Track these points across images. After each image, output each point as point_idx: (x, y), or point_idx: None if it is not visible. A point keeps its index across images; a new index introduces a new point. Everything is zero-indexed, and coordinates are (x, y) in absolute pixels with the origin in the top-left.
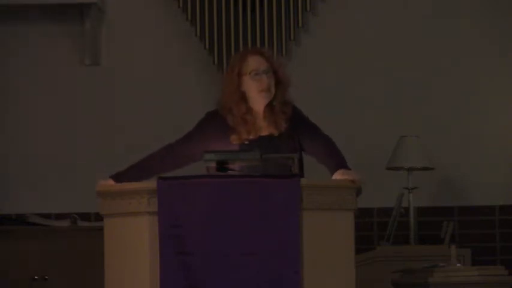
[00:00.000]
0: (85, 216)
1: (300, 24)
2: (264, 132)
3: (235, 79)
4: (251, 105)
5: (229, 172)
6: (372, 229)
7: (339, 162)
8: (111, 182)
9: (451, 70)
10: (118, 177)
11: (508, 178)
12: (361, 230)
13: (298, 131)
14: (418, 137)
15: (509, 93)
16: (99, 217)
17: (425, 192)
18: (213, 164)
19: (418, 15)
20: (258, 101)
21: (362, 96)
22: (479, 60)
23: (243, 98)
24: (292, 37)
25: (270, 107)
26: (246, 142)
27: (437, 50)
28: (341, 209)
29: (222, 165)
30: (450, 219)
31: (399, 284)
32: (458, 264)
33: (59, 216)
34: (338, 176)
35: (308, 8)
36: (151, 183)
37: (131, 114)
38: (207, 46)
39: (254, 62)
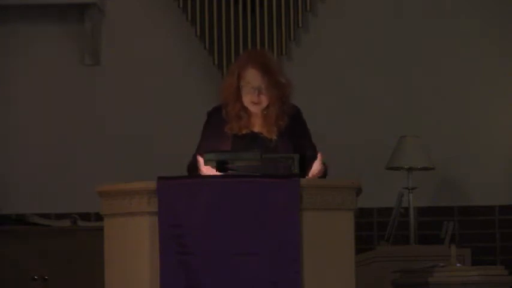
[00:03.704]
0: (85, 216)
1: (300, 24)
2: (258, 129)
3: (234, 80)
4: (246, 105)
5: (229, 172)
6: (372, 229)
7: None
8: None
9: (451, 70)
10: None
11: (508, 178)
12: (361, 230)
13: (293, 130)
14: (418, 137)
15: (509, 93)
16: (99, 217)
17: (425, 192)
18: (213, 164)
19: (418, 15)
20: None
21: (362, 96)
22: (479, 60)
23: (239, 97)
24: (292, 37)
25: (263, 114)
26: (240, 134)
27: (437, 50)
28: (341, 209)
29: (222, 165)
30: (450, 219)
31: (399, 284)
32: (458, 264)
33: (59, 216)
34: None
35: (308, 8)
36: (151, 183)
37: (131, 114)
38: (207, 46)
39: (250, 76)
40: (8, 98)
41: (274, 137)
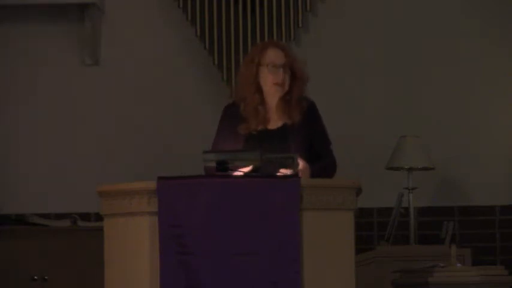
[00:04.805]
0: (85, 216)
1: (300, 24)
2: (273, 126)
3: (253, 69)
4: (265, 97)
5: (229, 172)
6: (372, 229)
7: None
8: None
9: (451, 70)
10: None
11: (508, 178)
12: (361, 230)
13: (307, 125)
14: (418, 137)
15: (509, 93)
16: (99, 217)
17: (425, 192)
18: (213, 164)
19: (418, 15)
20: (272, 94)
21: (362, 96)
22: (479, 60)
23: (259, 89)
24: (292, 37)
25: (284, 100)
26: (254, 132)
27: (437, 50)
28: (341, 209)
29: (222, 165)
30: (450, 219)
31: (399, 284)
32: (458, 264)
33: (59, 216)
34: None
35: (308, 8)
36: (151, 183)
37: (131, 114)
38: (207, 46)
39: (273, 55)
40: (8, 98)
41: (295, 121)
